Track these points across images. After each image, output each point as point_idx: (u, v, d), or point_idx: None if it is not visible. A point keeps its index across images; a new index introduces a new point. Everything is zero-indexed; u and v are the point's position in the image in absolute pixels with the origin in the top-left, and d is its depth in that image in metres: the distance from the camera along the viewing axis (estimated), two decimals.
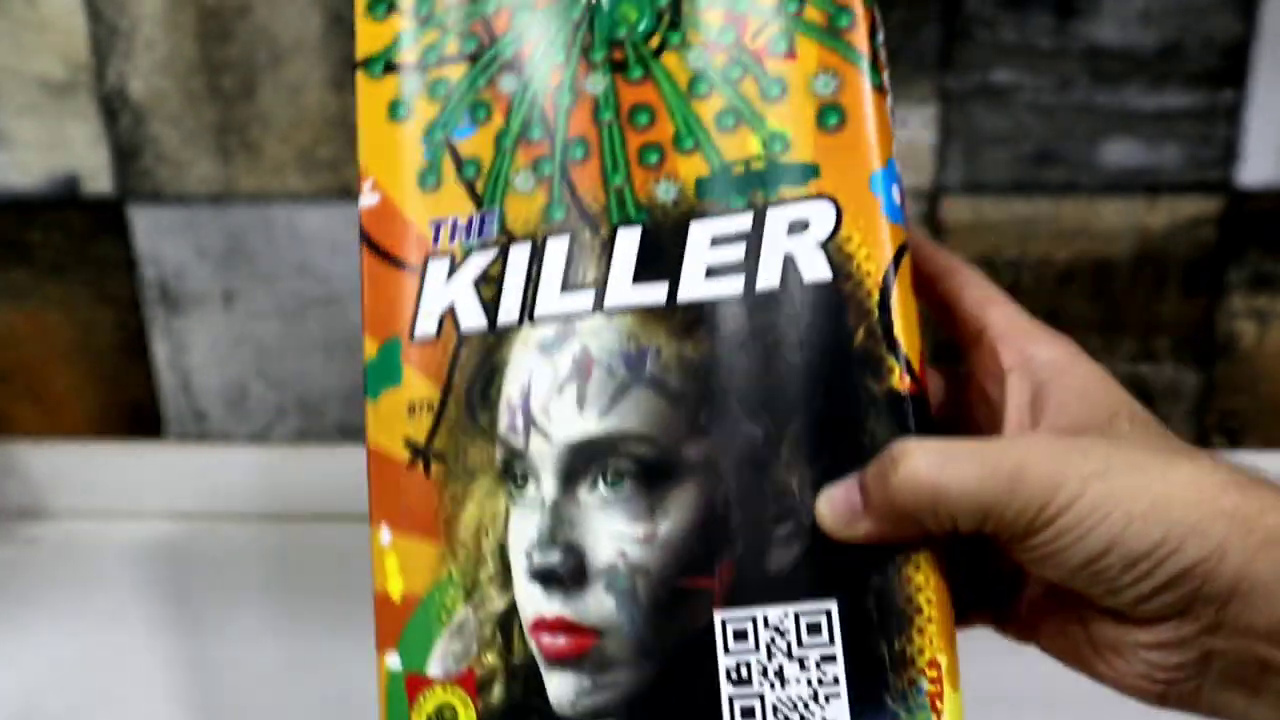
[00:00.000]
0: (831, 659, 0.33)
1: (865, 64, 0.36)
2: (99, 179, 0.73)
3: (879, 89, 0.36)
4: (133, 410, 0.79)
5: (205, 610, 0.71)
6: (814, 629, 0.33)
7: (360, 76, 0.39)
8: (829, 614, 0.33)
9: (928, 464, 0.32)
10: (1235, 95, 0.67)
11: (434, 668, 0.35)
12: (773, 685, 0.33)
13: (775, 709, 0.33)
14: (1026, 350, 0.39)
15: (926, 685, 0.32)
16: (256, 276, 0.75)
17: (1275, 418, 0.74)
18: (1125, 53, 0.67)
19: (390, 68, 0.38)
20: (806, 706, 0.33)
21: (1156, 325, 0.72)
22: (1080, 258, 0.71)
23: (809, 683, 0.33)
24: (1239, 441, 0.75)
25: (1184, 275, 0.71)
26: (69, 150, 0.73)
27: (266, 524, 0.79)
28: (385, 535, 0.35)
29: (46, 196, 0.74)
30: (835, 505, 0.34)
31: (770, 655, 0.33)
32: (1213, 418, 0.74)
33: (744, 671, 0.33)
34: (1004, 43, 0.67)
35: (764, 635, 0.33)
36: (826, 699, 0.33)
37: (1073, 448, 0.33)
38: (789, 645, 0.33)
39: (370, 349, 0.36)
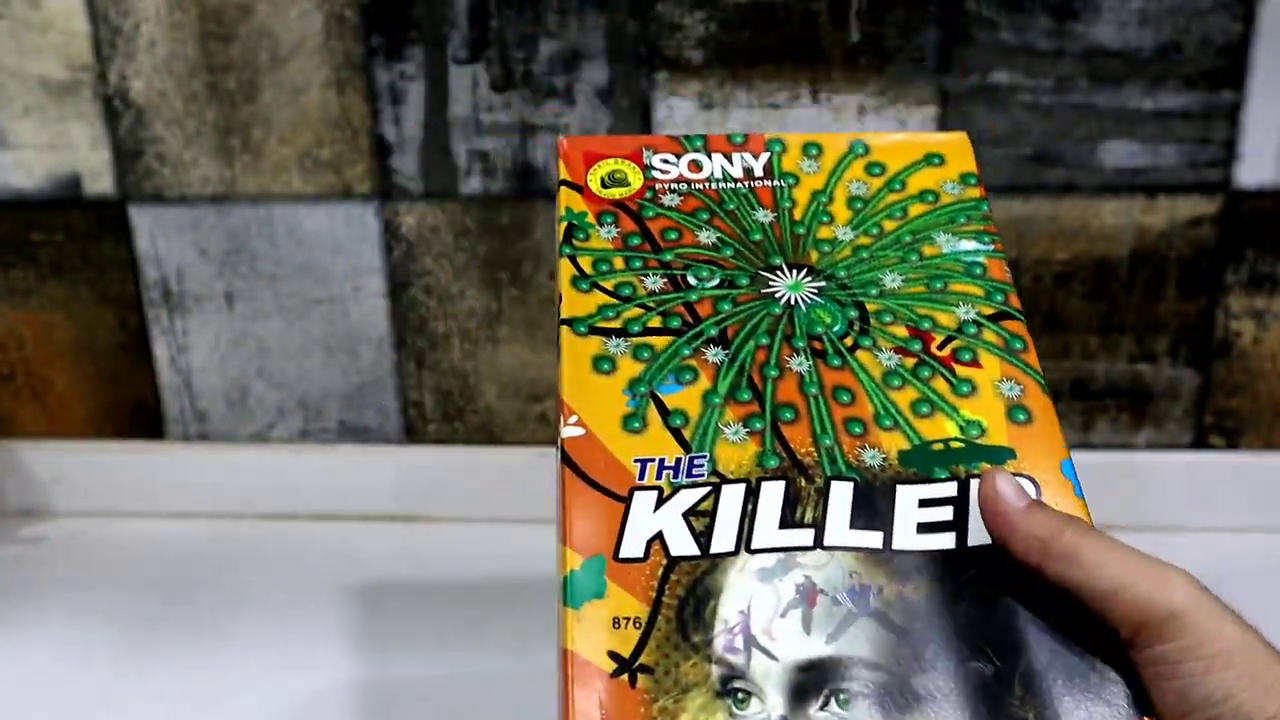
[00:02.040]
0: None
1: (1042, 380, 0.41)
2: (101, 179, 0.73)
3: (1050, 398, 0.41)
4: (134, 410, 0.79)
5: (206, 610, 0.71)
6: None
7: (565, 330, 0.42)
8: None
9: (1094, 544, 0.34)
10: (1234, 96, 0.67)
11: None
12: None
13: None
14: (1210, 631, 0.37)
15: None
16: (257, 277, 0.75)
17: (1273, 417, 0.74)
18: (1124, 53, 0.67)
19: (595, 330, 0.42)
20: None
21: (1155, 325, 0.72)
22: (1079, 258, 0.71)
23: None
24: (1236, 442, 0.75)
25: (1182, 275, 0.71)
26: (71, 151, 0.73)
27: (266, 524, 0.79)
28: None
29: (48, 197, 0.74)
30: (1009, 482, 0.35)
31: None
32: (1210, 417, 0.74)
33: None
34: (1004, 43, 0.67)
35: None
36: None
37: (1207, 600, 0.34)
38: None
39: (574, 562, 0.37)
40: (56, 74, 0.71)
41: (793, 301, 0.43)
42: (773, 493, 0.38)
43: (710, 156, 0.47)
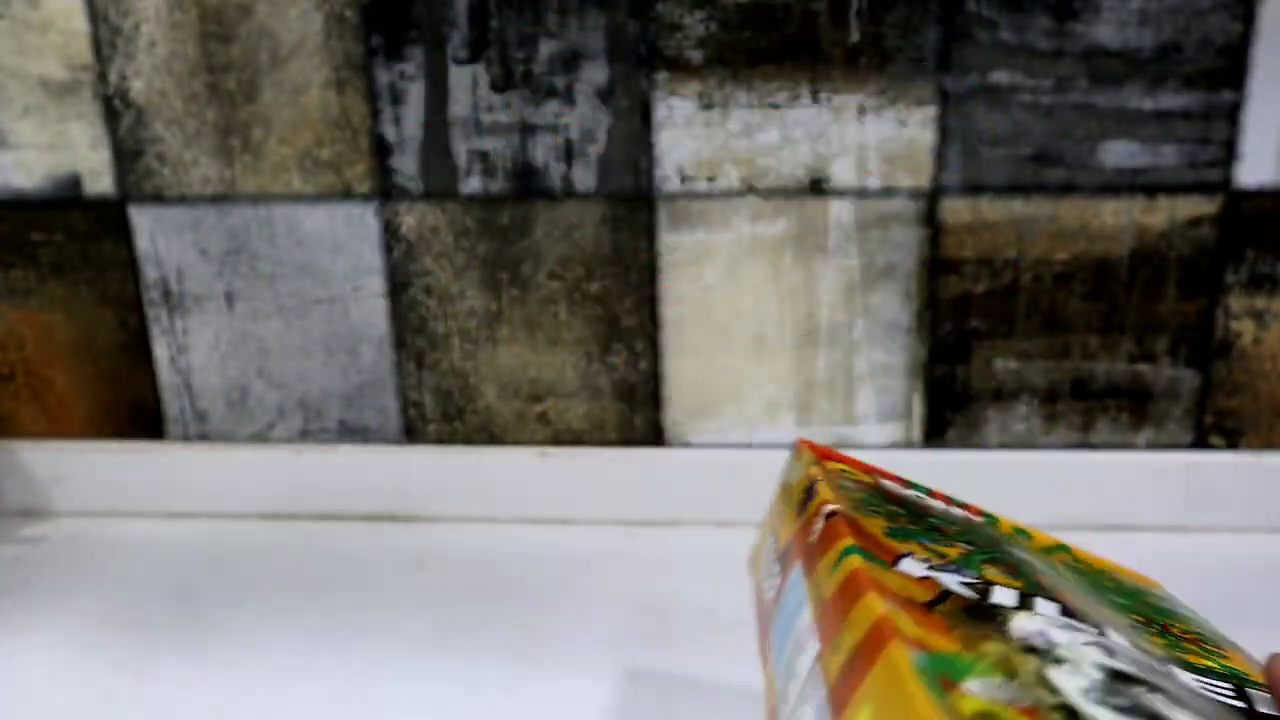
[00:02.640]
0: None
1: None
2: (101, 179, 0.73)
3: None
4: (134, 410, 0.79)
5: (206, 610, 0.71)
6: None
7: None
8: None
9: None
10: (1234, 96, 0.67)
11: None
12: None
13: None
14: None
15: None
16: (257, 277, 0.75)
17: (1273, 417, 0.74)
18: (1124, 53, 0.67)
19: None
20: None
21: (1155, 325, 0.72)
22: (1079, 258, 0.71)
23: None
24: (1236, 442, 0.75)
25: (1182, 275, 0.71)
26: (71, 151, 0.73)
27: (266, 524, 0.79)
28: None
29: (49, 197, 0.74)
30: None
31: None
32: (1210, 417, 0.74)
33: None
34: (1004, 43, 0.67)
35: None
36: None
37: None
38: None
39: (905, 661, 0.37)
40: (56, 74, 0.71)
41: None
42: (1047, 604, 0.39)
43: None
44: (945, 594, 0.37)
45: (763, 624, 0.41)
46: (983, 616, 0.36)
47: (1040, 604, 0.38)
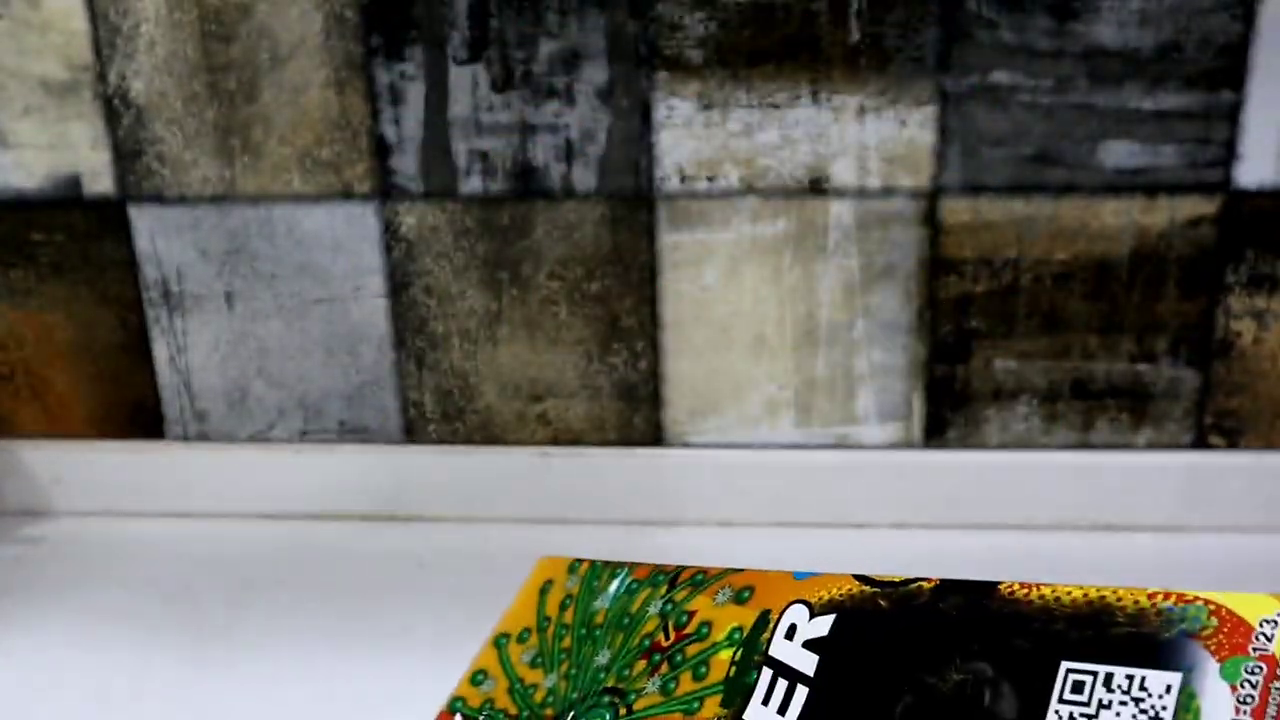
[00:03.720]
0: None
1: None
2: (101, 179, 0.73)
3: None
4: (134, 410, 0.79)
5: (206, 610, 0.71)
6: None
7: None
8: None
9: None
10: (1234, 96, 0.67)
11: None
12: None
13: None
14: None
15: None
16: (258, 277, 0.75)
17: (1273, 417, 0.74)
18: (1124, 53, 0.67)
19: None
20: None
21: (1155, 325, 0.72)
22: (1079, 258, 0.71)
23: None
24: (1236, 442, 0.75)
25: (1182, 275, 0.71)
26: (71, 151, 0.73)
27: (266, 524, 0.79)
28: None
29: (48, 197, 0.74)
30: None
31: None
32: (1210, 417, 0.74)
33: None
34: (1004, 43, 0.67)
35: None
36: None
37: None
38: None
39: None
40: (56, 74, 0.71)
41: None
42: None
43: None
44: None
45: None
46: None
47: None
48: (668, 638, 0.48)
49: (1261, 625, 0.39)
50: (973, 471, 0.75)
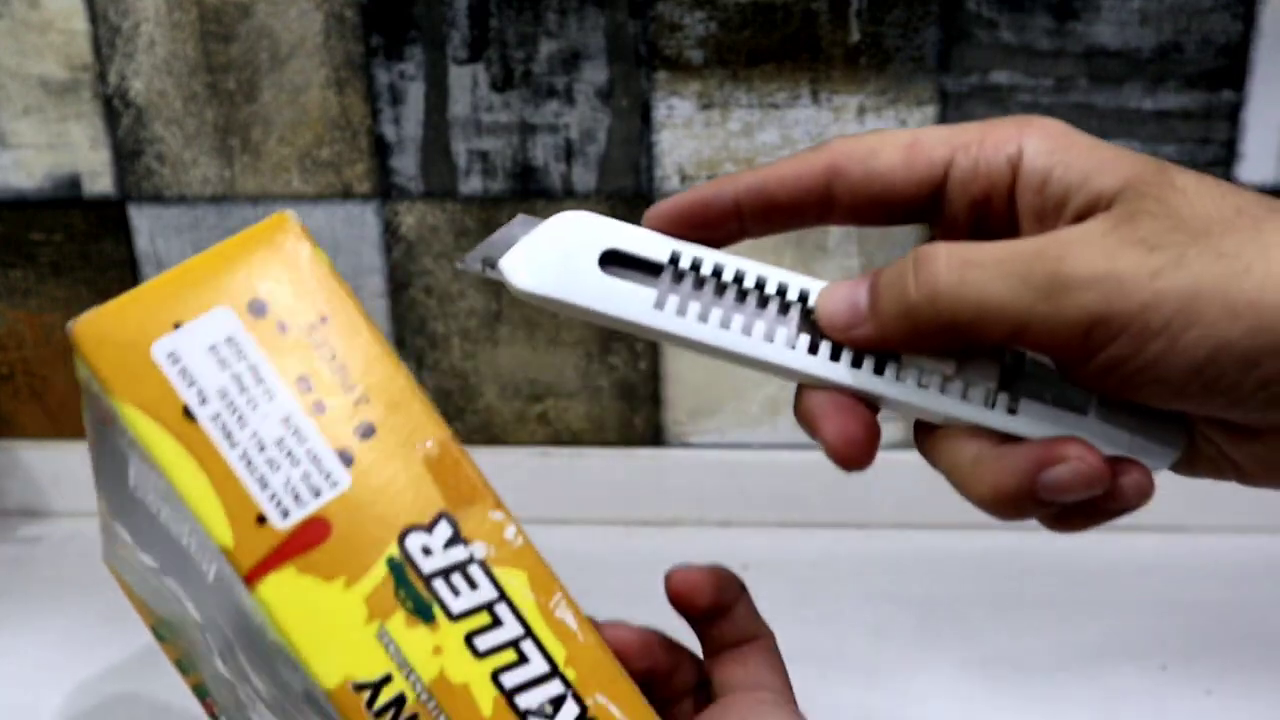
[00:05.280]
0: None
1: None
2: (100, 179, 0.73)
3: None
4: None
5: None
6: None
7: None
8: None
9: (948, 271, 0.28)
10: (1234, 96, 0.67)
11: None
12: None
13: None
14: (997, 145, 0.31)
15: None
16: None
17: None
18: (1124, 53, 0.67)
19: None
20: None
21: None
22: None
23: None
24: None
25: None
26: (70, 151, 0.73)
27: None
28: None
29: (48, 197, 0.74)
30: (835, 304, 0.32)
31: None
32: None
33: None
34: (1003, 43, 0.67)
35: None
36: None
37: (1126, 236, 0.27)
38: None
39: None
40: (56, 74, 0.71)
41: None
42: None
43: None
44: None
45: None
46: None
47: None
48: None
49: None
50: None
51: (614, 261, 0.35)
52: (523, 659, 0.33)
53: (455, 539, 0.34)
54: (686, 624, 0.39)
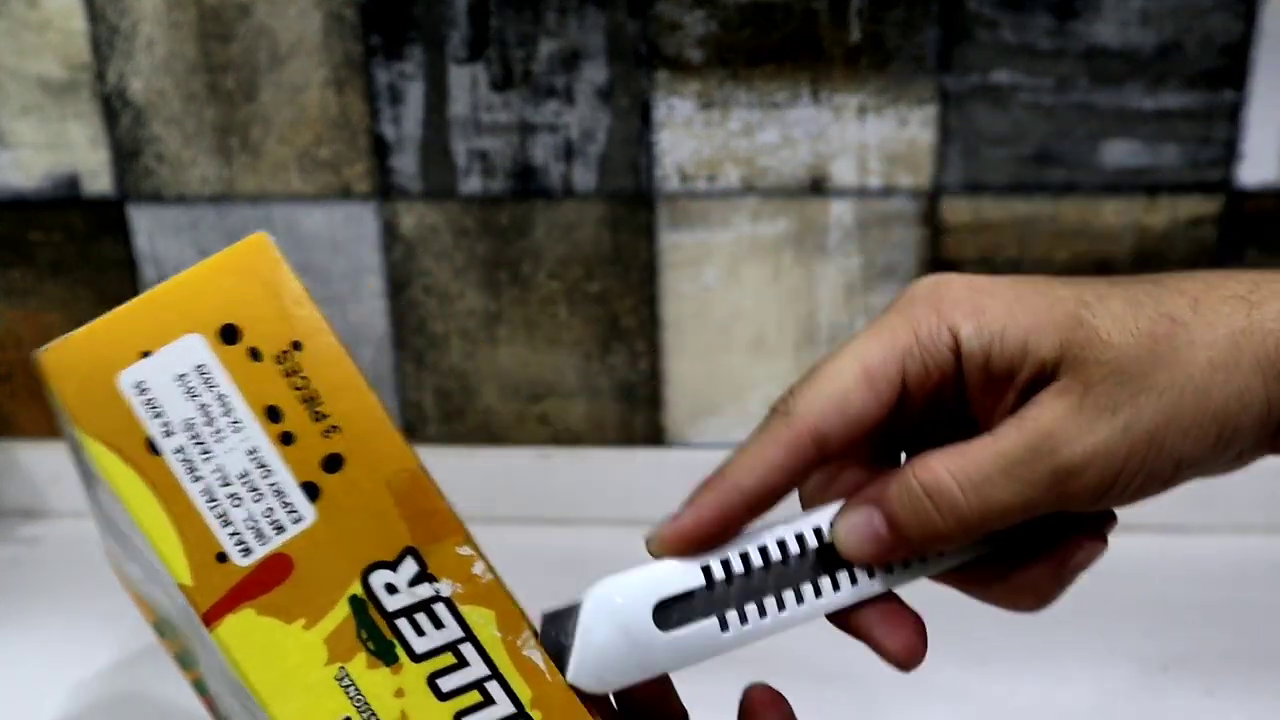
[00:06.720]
0: None
1: None
2: (99, 179, 0.73)
3: None
4: None
5: None
6: None
7: None
8: None
9: (964, 495, 0.32)
10: (1235, 95, 0.67)
11: None
12: None
13: None
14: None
15: None
16: None
17: None
18: (1125, 53, 0.67)
19: None
20: None
21: None
22: (1080, 258, 0.71)
23: None
24: None
25: None
26: (69, 150, 0.73)
27: None
28: None
29: (47, 196, 0.74)
30: (859, 540, 0.34)
31: None
32: None
33: None
34: (1004, 43, 0.67)
35: None
36: None
37: (1090, 407, 0.31)
38: None
39: None
40: (55, 73, 0.71)
41: None
42: None
43: None
44: None
45: None
46: None
47: None
48: None
49: None
50: None
51: (658, 609, 0.35)
52: (488, 700, 0.33)
53: (422, 576, 0.33)
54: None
